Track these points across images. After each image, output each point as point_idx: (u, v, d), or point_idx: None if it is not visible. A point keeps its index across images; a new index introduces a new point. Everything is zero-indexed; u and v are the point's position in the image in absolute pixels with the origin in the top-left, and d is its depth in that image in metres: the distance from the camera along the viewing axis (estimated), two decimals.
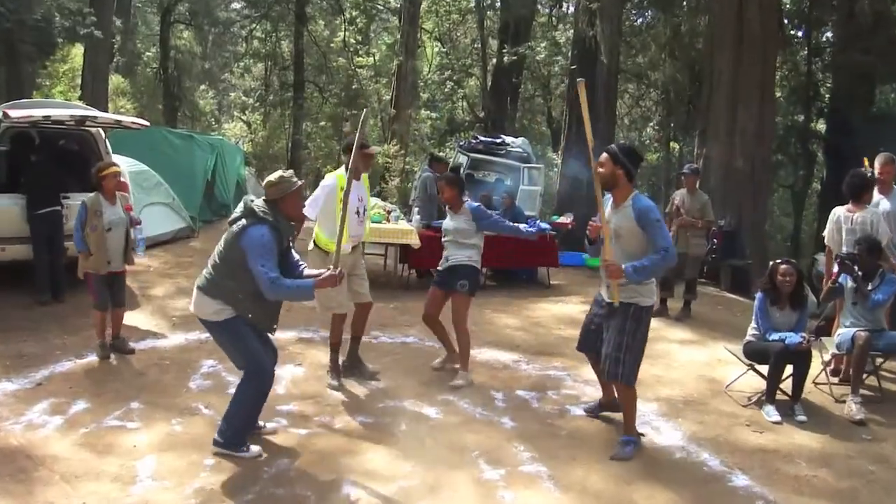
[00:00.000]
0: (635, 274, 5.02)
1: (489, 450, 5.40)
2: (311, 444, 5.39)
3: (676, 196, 10.16)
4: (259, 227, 4.80)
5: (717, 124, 14.71)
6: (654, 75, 23.32)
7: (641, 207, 5.11)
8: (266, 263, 4.73)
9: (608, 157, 5.21)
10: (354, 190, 6.38)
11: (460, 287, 6.83)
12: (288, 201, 4.99)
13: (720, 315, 10.51)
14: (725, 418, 6.35)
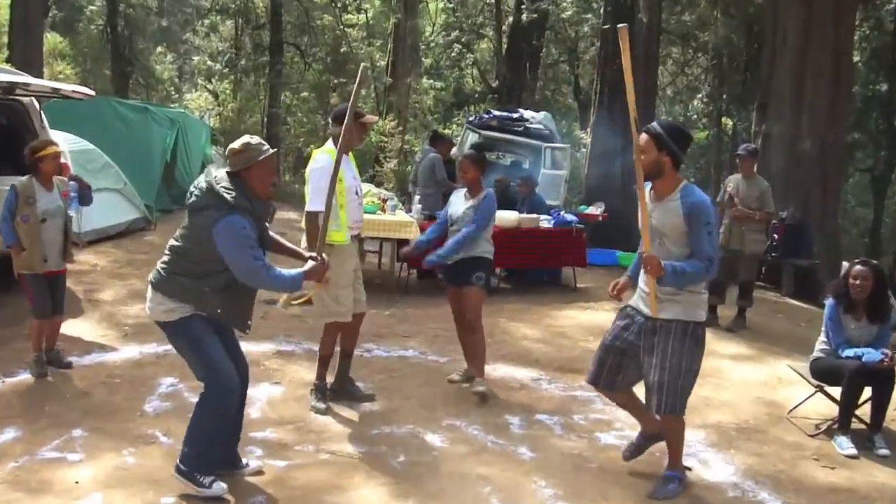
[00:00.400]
0: (673, 276, 4.89)
1: (503, 486, 5.40)
2: (290, 479, 5.38)
3: (730, 182, 10.16)
4: (233, 216, 4.73)
5: (780, 96, 14.70)
6: (703, 36, 23.33)
7: (695, 202, 4.95)
8: (255, 252, 4.77)
9: (650, 140, 5.00)
10: (348, 167, 6.42)
11: (476, 280, 7.00)
12: (255, 172, 4.89)
13: (781, 325, 10.52)
14: (788, 450, 6.35)
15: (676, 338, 5.06)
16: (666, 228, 5.04)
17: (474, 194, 7.08)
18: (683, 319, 5.06)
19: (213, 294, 4.87)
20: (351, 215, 6.45)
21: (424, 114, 32.24)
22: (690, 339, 5.08)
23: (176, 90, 43.10)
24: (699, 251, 4.94)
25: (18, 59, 19.69)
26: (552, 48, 32.23)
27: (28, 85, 9.21)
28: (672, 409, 5.12)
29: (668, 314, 5.06)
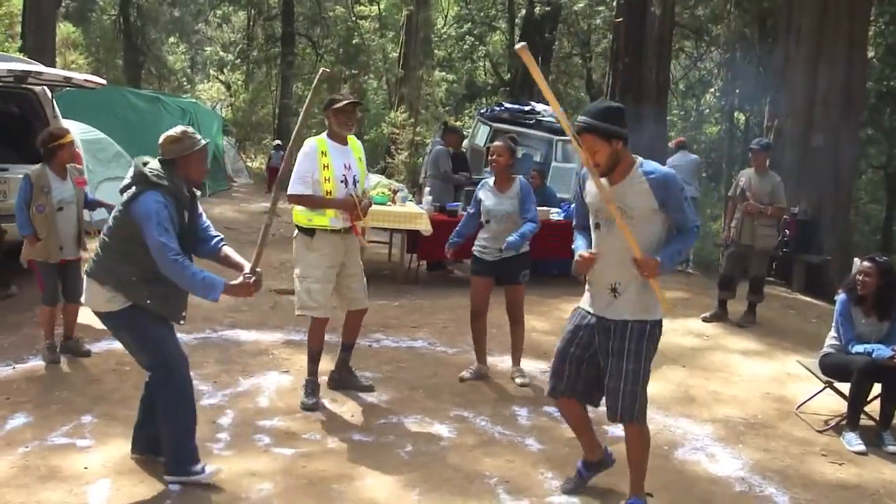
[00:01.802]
0: (671, 262, 4.59)
1: (510, 477, 5.41)
2: (297, 468, 5.40)
3: (742, 177, 10.13)
4: (152, 192, 4.72)
5: (792, 91, 14.64)
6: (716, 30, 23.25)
7: (662, 175, 4.55)
8: (165, 235, 4.65)
9: (595, 137, 4.51)
10: (339, 155, 6.41)
11: (522, 278, 7.19)
12: (190, 162, 4.91)
13: (791, 321, 10.51)
14: (796, 445, 6.35)
15: (633, 340, 4.62)
16: (634, 210, 4.54)
17: (505, 184, 7.09)
18: (641, 319, 4.64)
19: (141, 284, 4.83)
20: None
21: (436, 106, 32.24)
22: (648, 341, 4.64)
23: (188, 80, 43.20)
24: (685, 221, 4.61)
25: (31, 49, 19.76)
26: (565, 41, 32.19)
27: (40, 74, 9.24)
28: (630, 415, 4.63)
29: (624, 314, 4.64)
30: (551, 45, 29.11)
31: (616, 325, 4.64)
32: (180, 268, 4.65)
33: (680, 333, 9.39)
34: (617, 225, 4.52)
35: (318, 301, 6.45)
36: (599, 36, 29.14)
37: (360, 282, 6.71)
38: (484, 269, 7.24)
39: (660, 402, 7.04)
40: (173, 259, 4.63)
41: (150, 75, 37.80)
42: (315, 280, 6.42)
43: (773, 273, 13.06)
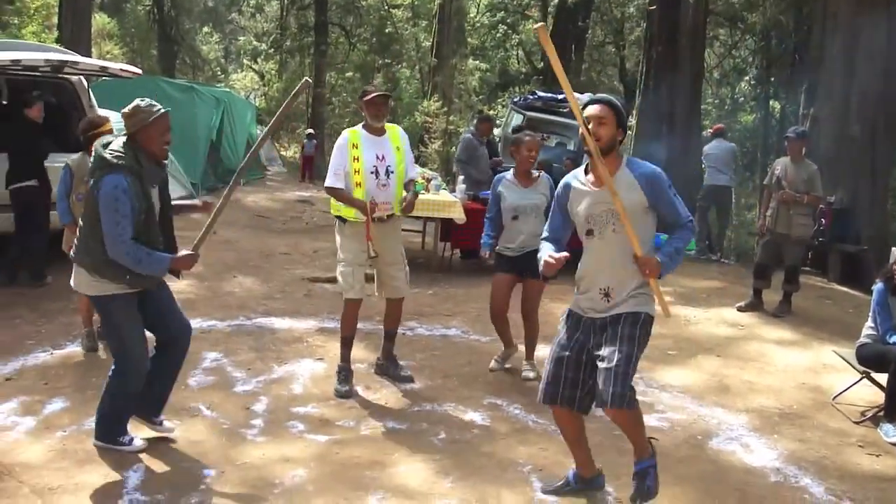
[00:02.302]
0: (672, 263, 4.52)
1: (544, 465, 5.41)
2: (331, 454, 5.42)
3: (778, 165, 10.04)
4: (111, 176, 4.75)
5: (829, 78, 14.48)
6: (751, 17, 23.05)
7: (650, 172, 4.52)
8: (122, 220, 4.71)
9: (612, 113, 4.50)
10: (371, 146, 6.47)
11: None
12: (149, 133, 4.88)
13: (828, 311, 10.42)
14: (832, 436, 6.30)
15: (626, 325, 4.51)
16: (625, 209, 4.43)
17: (528, 178, 7.00)
18: (633, 311, 4.54)
19: (115, 262, 4.88)
20: (369, 195, 6.42)
21: (469, 95, 32.19)
22: (642, 328, 4.54)
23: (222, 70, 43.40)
24: (678, 216, 4.57)
25: (67, 40, 19.93)
26: (598, 29, 32.03)
27: (77, 63, 9.30)
28: (621, 402, 4.40)
29: (617, 310, 4.56)
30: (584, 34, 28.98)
31: (610, 319, 4.57)
32: (131, 252, 4.77)
33: (714, 323, 9.35)
34: (617, 222, 4.46)
35: (349, 283, 6.55)
36: (633, 24, 29.01)
37: (400, 270, 6.75)
38: (506, 265, 7.10)
39: (694, 391, 7.02)
40: (123, 246, 4.74)
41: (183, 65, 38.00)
42: (347, 263, 6.54)
43: (808, 263, 12.95)
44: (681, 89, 17.46)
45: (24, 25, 28.42)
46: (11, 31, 26.44)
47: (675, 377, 7.37)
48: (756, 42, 25.36)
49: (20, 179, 8.77)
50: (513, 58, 36.77)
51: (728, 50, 28.49)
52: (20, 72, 9.38)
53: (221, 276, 10.02)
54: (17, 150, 8.81)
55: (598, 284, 4.60)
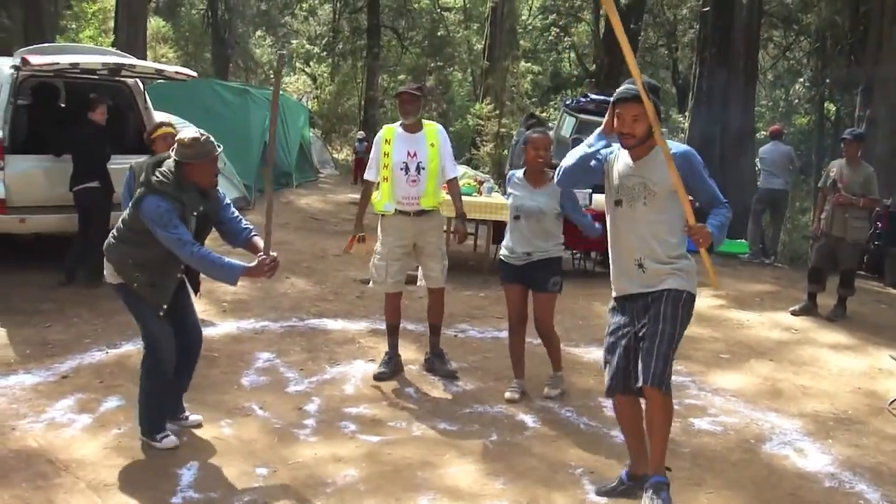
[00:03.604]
0: (720, 234, 4.46)
1: (595, 468, 5.38)
2: (383, 454, 5.44)
3: (833, 167, 9.91)
4: (153, 196, 4.93)
5: (886, 79, 14.30)
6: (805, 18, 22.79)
7: (683, 150, 4.53)
8: (175, 230, 4.88)
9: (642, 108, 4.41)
10: (403, 143, 6.70)
11: (552, 286, 6.46)
12: (195, 170, 5.01)
13: (884, 315, 10.27)
14: (889, 442, 6.19)
15: (669, 305, 4.51)
16: (657, 186, 4.47)
17: (539, 179, 6.45)
18: (677, 288, 4.53)
19: (134, 267, 5.12)
20: (398, 190, 6.69)
21: (521, 97, 32.13)
22: (683, 308, 4.54)
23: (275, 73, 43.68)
24: (714, 197, 4.57)
25: (123, 43, 20.18)
26: (650, 32, 31.83)
27: (133, 66, 9.47)
28: (660, 381, 4.45)
29: (658, 287, 4.55)
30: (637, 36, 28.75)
31: (652, 296, 4.56)
32: (198, 257, 4.93)
33: (768, 327, 9.25)
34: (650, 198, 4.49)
35: (381, 276, 6.85)
36: (686, 26, 28.80)
37: (438, 262, 6.92)
38: (513, 275, 6.54)
39: (747, 395, 6.95)
40: (190, 251, 4.89)
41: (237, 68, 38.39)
42: (382, 257, 6.83)
43: (864, 267, 12.78)
44: (734, 91, 17.31)
45: (82, 30, 28.92)
46: (69, 35, 26.90)
47: (728, 381, 7.30)
48: (811, 43, 25.06)
49: (83, 181, 8.90)
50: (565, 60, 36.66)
51: (782, 51, 28.20)
52: (78, 75, 9.52)
53: (274, 278, 10.00)
54: (81, 152, 8.95)
55: (631, 256, 4.61)
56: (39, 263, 9.54)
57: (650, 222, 4.51)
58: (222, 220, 5.32)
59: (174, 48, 34.97)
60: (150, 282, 5.14)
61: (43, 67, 8.65)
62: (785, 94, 29.76)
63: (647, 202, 4.51)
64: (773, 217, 14.33)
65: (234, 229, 5.34)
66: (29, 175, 9.16)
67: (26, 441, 5.34)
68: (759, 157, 14.46)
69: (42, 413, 5.79)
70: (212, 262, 4.95)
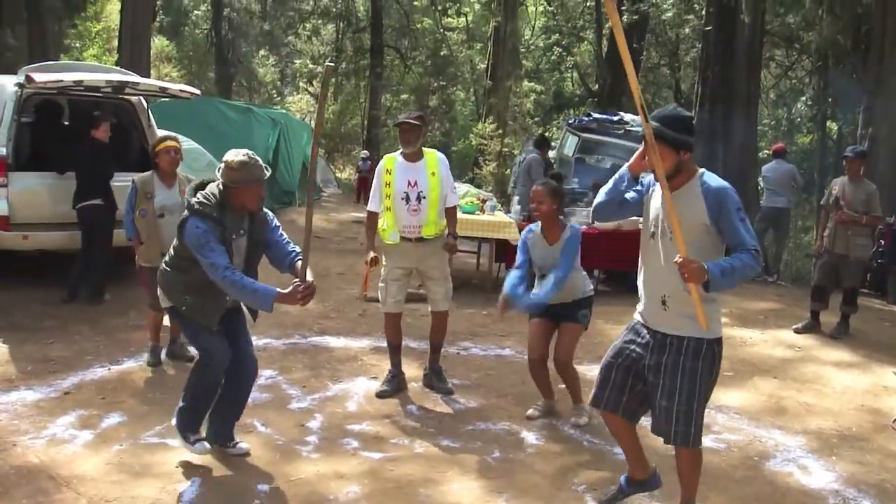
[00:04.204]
0: (722, 277, 4.13)
1: (599, 485, 5.36)
2: (385, 471, 5.43)
3: (836, 185, 9.90)
4: (194, 219, 4.92)
5: (888, 97, 14.32)
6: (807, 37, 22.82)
7: (720, 187, 4.29)
8: (210, 254, 4.83)
9: (666, 146, 4.26)
10: (404, 172, 6.72)
11: (582, 318, 6.46)
12: (243, 194, 4.98)
13: (887, 333, 10.24)
14: (893, 459, 6.17)
15: (689, 357, 4.36)
16: (687, 221, 4.22)
17: (554, 233, 6.32)
18: (697, 336, 4.36)
19: (182, 291, 5.15)
20: (400, 219, 6.73)
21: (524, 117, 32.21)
22: (705, 361, 4.38)
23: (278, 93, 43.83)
24: (741, 242, 4.22)
25: (127, 62, 20.26)
26: (653, 51, 31.91)
27: (137, 84, 9.49)
28: (686, 440, 4.41)
29: (680, 331, 4.40)
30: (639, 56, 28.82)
31: (671, 340, 4.41)
32: (230, 282, 4.83)
33: (771, 345, 9.23)
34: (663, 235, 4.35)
35: (382, 297, 6.96)
36: (688, 45, 28.88)
37: (442, 286, 6.94)
38: (542, 312, 6.45)
39: (751, 412, 6.94)
40: (223, 275, 4.81)
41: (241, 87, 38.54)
42: (382, 280, 6.93)
43: (867, 284, 12.75)
44: (736, 111, 17.34)
45: (86, 49, 29.06)
46: (73, 53, 27.03)
47: (732, 398, 7.27)
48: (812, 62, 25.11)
49: (87, 199, 8.92)
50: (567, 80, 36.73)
51: (784, 70, 28.25)
52: (82, 93, 9.55)
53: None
54: (84, 169, 8.97)
55: (656, 291, 4.49)
56: (42, 280, 9.55)
57: (667, 264, 4.31)
58: (269, 244, 5.25)
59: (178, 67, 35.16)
60: (198, 305, 5.14)
61: (47, 85, 8.65)
62: (787, 112, 29.79)
63: (672, 237, 4.27)
64: (777, 235, 14.32)
65: (280, 253, 5.25)
66: (32, 192, 9.18)
67: (27, 457, 5.34)
68: (763, 176, 14.45)
69: (43, 429, 5.79)
70: (243, 287, 4.85)
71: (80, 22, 26.86)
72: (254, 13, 39.09)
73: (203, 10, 38.66)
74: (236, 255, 5.07)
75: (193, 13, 38.94)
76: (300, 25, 39.30)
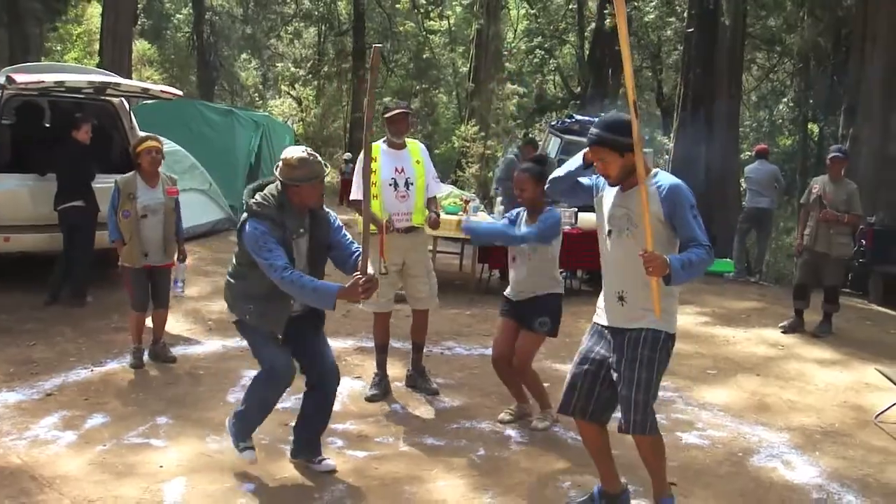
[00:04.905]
0: (682, 270, 4.20)
1: (583, 482, 5.35)
2: (370, 469, 5.43)
3: (816, 184, 9.93)
4: (252, 221, 4.86)
5: (868, 99, 14.41)
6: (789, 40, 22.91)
7: (672, 185, 4.36)
8: (268, 255, 4.74)
9: (608, 150, 4.37)
10: (391, 160, 6.64)
11: (539, 326, 6.18)
12: (303, 192, 4.93)
13: (868, 332, 10.31)
14: (876, 454, 6.20)
15: (647, 347, 4.45)
16: (640, 218, 4.30)
17: (534, 217, 6.20)
18: (655, 328, 4.45)
19: (245, 298, 5.06)
20: (388, 207, 6.59)
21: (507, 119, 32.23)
22: (661, 352, 4.47)
23: (260, 96, 43.72)
24: (694, 237, 4.30)
25: (108, 65, 20.20)
26: (635, 54, 31.93)
27: (119, 85, 9.47)
28: (642, 429, 4.46)
29: (638, 324, 4.47)
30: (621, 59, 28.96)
31: (630, 335, 4.47)
32: (289, 281, 4.70)
33: (754, 343, 9.28)
34: (633, 228, 4.38)
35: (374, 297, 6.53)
36: (670, 48, 28.92)
37: (426, 283, 6.84)
38: (508, 310, 6.37)
39: (734, 409, 6.97)
40: (280, 276, 4.70)
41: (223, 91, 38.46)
42: None
43: (849, 284, 12.82)
44: (718, 112, 17.40)
45: (67, 52, 28.96)
46: (54, 56, 26.98)
47: (715, 396, 7.31)
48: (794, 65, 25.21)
49: (68, 200, 8.89)
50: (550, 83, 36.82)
51: (766, 73, 28.36)
52: (63, 94, 9.52)
53: None
54: (64, 171, 8.94)
55: (613, 287, 4.56)
56: (24, 282, 9.52)
57: (633, 255, 4.30)
58: (332, 245, 5.18)
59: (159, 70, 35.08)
60: (261, 311, 5.04)
61: (28, 86, 8.63)
62: (769, 114, 29.89)
63: (630, 234, 4.42)
64: (759, 236, 14.37)
65: (344, 254, 5.18)
66: (13, 194, 9.17)
67: (9, 458, 5.32)
68: (745, 177, 14.52)
69: (26, 430, 5.77)
70: (303, 287, 4.72)
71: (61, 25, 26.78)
72: (235, 17, 39.02)
73: (185, 14, 38.58)
74: (298, 256, 5.01)
75: (175, 16, 38.83)
76: (282, 29, 39.22)
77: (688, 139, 17.64)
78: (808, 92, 25.33)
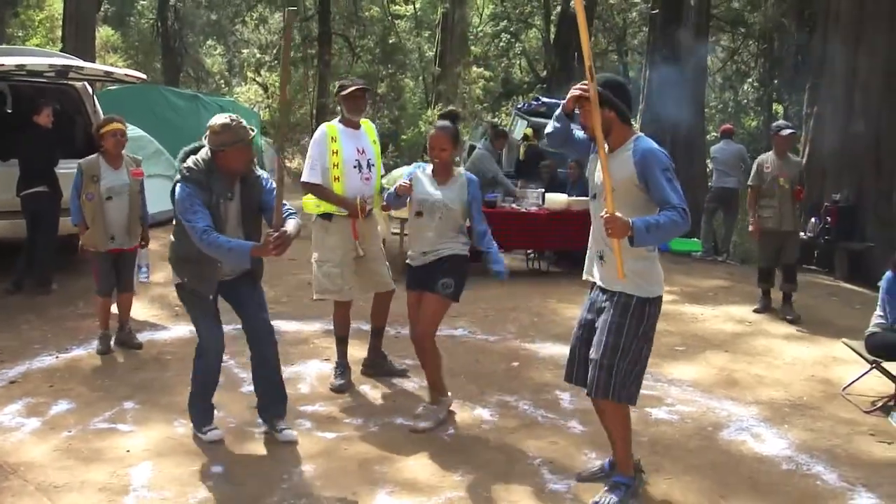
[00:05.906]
0: (647, 233, 4.19)
1: (554, 458, 5.36)
2: (339, 450, 5.41)
3: (766, 162, 9.66)
4: (181, 185, 4.93)
5: (832, 77, 14.45)
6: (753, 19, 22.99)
7: (646, 149, 4.41)
8: (192, 216, 4.81)
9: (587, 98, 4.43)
10: (350, 140, 6.42)
11: (442, 288, 5.72)
12: (229, 156, 4.97)
13: (834, 308, 10.36)
14: (843, 426, 6.24)
15: (617, 312, 4.50)
16: (616, 182, 4.33)
17: (446, 177, 5.86)
18: (627, 293, 4.49)
19: (182, 261, 5.18)
20: (349, 189, 6.34)
21: (473, 103, 32.20)
22: (632, 318, 4.48)
23: (226, 83, 43.40)
24: (667, 199, 4.29)
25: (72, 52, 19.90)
26: (600, 37, 32.01)
27: (82, 68, 9.32)
28: (605, 392, 4.49)
29: (615, 285, 4.52)
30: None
31: (609, 296, 4.59)
32: (207, 242, 4.79)
33: (722, 320, 9.31)
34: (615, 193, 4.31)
35: (338, 285, 6.51)
36: (635, 29, 29.02)
37: (383, 264, 6.72)
38: (412, 280, 5.98)
39: (703, 385, 6.99)
40: (199, 237, 4.79)
41: (187, 77, 38.10)
42: (334, 264, 6.47)
43: (814, 261, 12.89)
44: (684, 93, 17.42)
45: (29, 38, 28.61)
46: (16, 42, 26.63)
47: (684, 372, 7.32)
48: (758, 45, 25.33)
49: (30, 186, 8.75)
50: (516, 66, 36.80)
51: (730, 54, 28.49)
52: (25, 78, 9.37)
53: None
54: (27, 156, 8.81)
55: (594, 247, 4.69)
56: None
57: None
58: (265, 207, 5.17)
59: (124, 57, 34.74)
60: (198, 273, 5.14)
61: None
62: (734, 95, 30.06)
63: (600, 200, 4.49)
64: (726, 216, 14.38)
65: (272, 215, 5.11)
66: None
67: None
68: (712, 157, 14.52)
69: None
70: (219, 246, 4.79)
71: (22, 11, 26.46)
72: (200, 2, 38.65)
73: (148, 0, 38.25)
74: (227, 220, 5.08)
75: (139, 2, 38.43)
76: (247, 14, 38.87)
77: (654, 120, 17.66)
78: (772, 72, 25.47)
